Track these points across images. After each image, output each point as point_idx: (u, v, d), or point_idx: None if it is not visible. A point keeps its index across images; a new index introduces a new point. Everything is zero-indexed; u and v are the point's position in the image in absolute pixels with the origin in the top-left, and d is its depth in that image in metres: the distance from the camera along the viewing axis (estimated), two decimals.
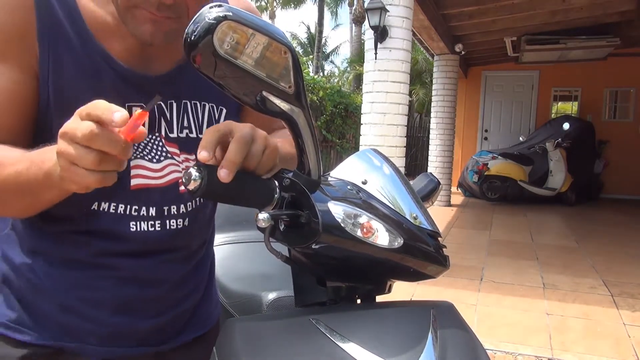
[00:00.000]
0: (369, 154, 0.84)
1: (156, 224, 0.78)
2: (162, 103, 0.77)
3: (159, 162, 0.77)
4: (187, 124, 0.80)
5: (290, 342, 0.63)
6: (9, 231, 0.79)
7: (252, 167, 0.64)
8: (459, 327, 0.70)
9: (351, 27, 21.17)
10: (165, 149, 0.78)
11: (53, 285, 0.76)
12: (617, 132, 9.46)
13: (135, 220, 0.76)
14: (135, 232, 0.77)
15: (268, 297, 1.10)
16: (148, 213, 0.77)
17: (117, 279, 0.77)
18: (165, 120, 0.78)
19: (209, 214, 0.89)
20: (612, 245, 5.33)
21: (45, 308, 0.76)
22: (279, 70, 0.57)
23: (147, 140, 0.76)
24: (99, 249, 0.76)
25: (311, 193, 0.63)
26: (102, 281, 0.77)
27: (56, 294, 0.76)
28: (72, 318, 0.76)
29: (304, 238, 0.64)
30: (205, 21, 0.52)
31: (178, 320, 0.87)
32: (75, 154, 0.51)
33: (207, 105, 0.82)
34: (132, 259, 0.78)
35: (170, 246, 0.81)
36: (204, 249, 0.91)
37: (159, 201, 0.78)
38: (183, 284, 0.86)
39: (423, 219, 0.77)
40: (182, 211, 0.81)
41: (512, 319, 3.08)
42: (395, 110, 4.46)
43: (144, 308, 0.80)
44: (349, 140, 10.42)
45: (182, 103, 0.79)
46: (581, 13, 6.54)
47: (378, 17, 4.30)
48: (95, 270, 0.76)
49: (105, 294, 0.77)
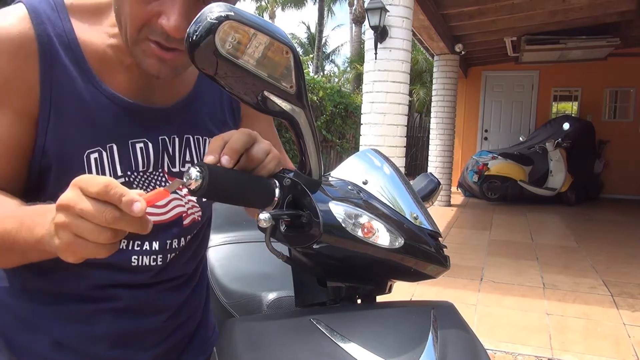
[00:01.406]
0: (369, 154, 0.84)
1: (158, 258, 0.77)
2: (166, 137, 0.77)
3: None
4: (189, 158, 0.80)
5: (291, 342, 0.63)
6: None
7: (254, 165, 0.65)
8: (460, 327, 0.70)
9: (351, 27, 21.17)
10: (169, 183, 0.77)
11: (46, 321, 0.74)
12: (617, 132, 9.46)
13: (137, 255, 0.76)
14: (137, 266, 0.76)
15: (268, 297, 1.10)
16: (151, 247, 0.76)
17: (114, 311, 0.76)
18: (168, 156, 0.77)
19: (202, 236, 0.88)
20: (612, 245, 5.33)
21: (37, 348, 0.74)
22: (280, 70, 0.56)
23: (151, 177, 0.76)
24: (97, 281, 0.74)
25: (312, 193, 0.63)
26: (98, 314, 0.75)
27: (50, 330, 0.74)
28: (67, 355, 0.74)
29: (304, 238, 0.64)
30: (207, 21, 0.52)
31: (176, 348, 0.86)
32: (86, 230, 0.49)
33: (209, 139, 0.82)
34: (131, 290, 0.77)
35: (169, 276, 0.81)
36: (199, 272, 0.91)
37: (163, 236, 0.77)
38: (182, 310, 0.85)
39: (423, 219, 0.77)
40: (182, 244, 0.81)
41: (512, 319, 3.08)
42: (395, 110, 4.46)
43: (143, 340, 0.79)
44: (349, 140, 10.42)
45: (185, 138, 0.79)
46: (581, 13, 6.54)
47: (378, 17, 4.30)
48: (92, 304, 0.74)
49: (102, 327, 0.75)
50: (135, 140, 0.73)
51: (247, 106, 0.59)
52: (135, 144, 0.73)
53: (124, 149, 0.72)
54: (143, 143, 0.73)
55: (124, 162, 0.72)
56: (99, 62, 0.71)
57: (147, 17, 0.63)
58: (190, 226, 0.81)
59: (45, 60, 0.66)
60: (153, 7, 0.63)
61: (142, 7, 0.63)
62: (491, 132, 10.49)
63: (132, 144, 0.72)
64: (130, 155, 0.72)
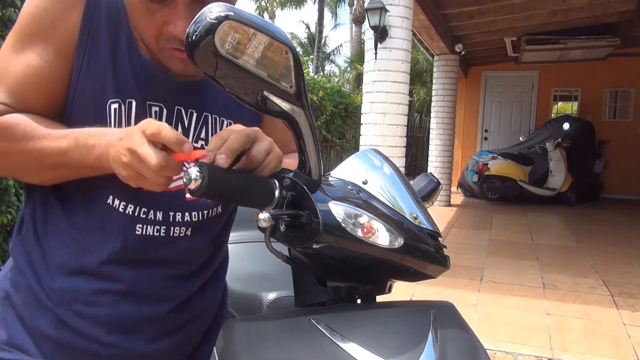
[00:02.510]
0: (369, 154, 0.83)
1: (161, 229, 0.79)
2: (183, 109, 0.79)
3: None
4: (203, 136, 0.81)
5: (291, 342, 0.63)
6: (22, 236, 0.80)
7: (254, 165, 0.65)
8: (459, 327, 0.70)
9: (351, 27, 21.16)
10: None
11: (53, 297, 0.76)
12: (617, 132, 9.46)
13: (142, 223, 0.77)
14: (140, 235, 0.77)
15: (268, 297, 1.10)
16: (155, 217, 0.78)
17: (115, 295, 0.77)
18: (183, 127, 0.79)
19: (217, 233, 0.88)
20: (612, 245, 5.33)
21: (39, 324, 0.76)
22: (280, 70, 0.57)
23: None
24: (106, 255, 0.76)
25: (312, 193, 0.64)
26: (100, 296, 0.76)
27: (54, 307, 0.76)
28: (67, 333, 0.76)
29: (304, 238, 0.64)
30: (207, 21, 0.52)
31: (188, 343, 0.86)
32: (147, 173, 0.61)
33: (226, 121, 0.84)
34: (134, 270, 0.77)
35: (173, 258, 0.81)
36: (212, 268, 0.90)
37: (166, 205, 0.78)
38: (191, 304, 0.85)
39: (423, 219, 0.77)
40: (187, 219, 0.81)
41: (512, 319, 3.08)
42: (395, 110, 4.45)
43: (143, 329, 0.79)
44: (349, 140, 10.41)
45: (203, 115, 0.81)
46: (581, 13, 6.54)
47: (378, 17, 4.29)
48: (97, 283, 0.76)
49: (102, 310, 0.76)
50: (152, 102, 0.77)
51: None
52: (151, 106, 0.77)
53: (141, 107, 0.76)
54: (159, 107, 0.77)
55: (139, 119, 0.74)
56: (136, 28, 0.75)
57: (157, 27, 0.68)
58: (194, 202, 0.81)
59: (89, 9, 0.72)
60: (159, 17, 0.68)
61: (150, 18, 0.68)
62: (491, 132, 10.49)
63: (149, 105, 0.76)
64: (145, 115, 0.76)
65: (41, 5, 0.70)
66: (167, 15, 0.67)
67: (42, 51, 0.71)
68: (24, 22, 0.71)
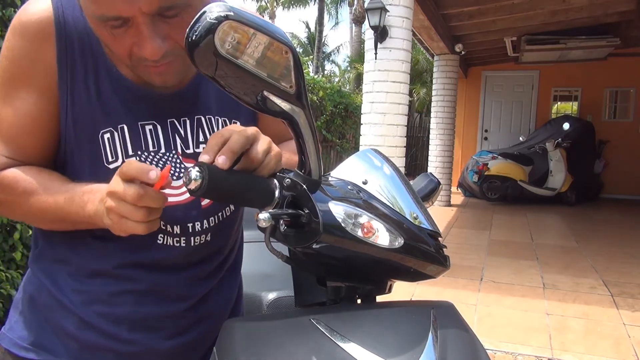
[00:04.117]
0: (369, 154, 0.83)
1: (181, 240, 0.79)
2: (175, 120, 0.79)
3: (178, 179, 0.77)
4: (202, 139, 0.81)
5: (290, 342, 0.63)
6: (39, 250, 0.81)
7: (254, 165, 0.65)
8: (459, 327, 0.70)
9: (351, 27, 21.15)
10: (183, 165, 0.78)
11: (74, 300, 0.77)
12: (617, 132, 9.46)
13: (163, 234, 0.77)
14: (162, 244, 0.78)
15: (268, 297, 1.10)
16: (173, 231, 0.78)
17: (135, 294, 0.78)
18: (180, 138, 0.79)
19: (230, 224, 0.88)
20: (612, 245, 5.33)
21: (64, 324, 0.77)
22: (280, 70, 0.57)
23: (165, 158, 0.77)
24: (123, 259, 0.77)
25: (312, 193, 0.63)
26: (120, 297, 0.77)
27: (76, 309, 0.77)
28: (90, 334, 0.77)
29: (304, 238, 0.64)
30: (207, 21, 0.52)
31: (203, 342, 0.86)
32: (126, 211, 0.62)
33: (220, 119, 0.83)
34: (153, 273, 0.78)
35: (193, 261, 0.82)
36: (227, 265, 0.90)
37: (182, 218, 0.78)
38: (207, 301, 0.85)
39: (423, 219, 0.77)
40: (205, 226, 0.81)
41: (512, 319, 3.08)
42: (395, 110, 4.45)
43: (161, 326, 0.80)
44: (349, 140, 10.41)
45: (195, 119, 0.81)
46: (581, 13, 6.54)
47: (378, 17, 4.29)
48: (116, 285, 0.77)
49: (122, 309, 0.77)
50: (144, 122, 0.76)
51: None
52: (144, 126, 0.76)
53: (134, 129, 0.75)
54: (152, 125, 0.77)
55: (135, 142, 0.75)
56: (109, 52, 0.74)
57: (126, 49, 0.67)
58: (210, 208, 0.81)
59: (61, 42, 0.71)
60: (126, 39, 0.66)
61: (118, 42, 0.67)
62: (491, 132, 10.49)
63: (142, 125, 0.76)
64: (140, 136, 0.75)
65: (16, 48, 0.71)
66: (132, 37, 0.66)
67: (26, 94, 0.71)
68: (2, 67, 0.72)
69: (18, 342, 0.78)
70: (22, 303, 0.81)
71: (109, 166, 0.73)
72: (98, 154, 0.73)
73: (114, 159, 0.74)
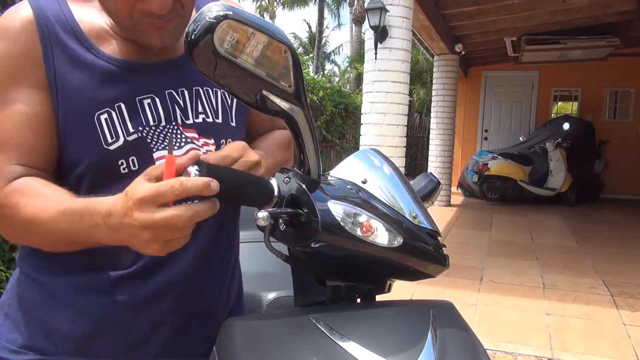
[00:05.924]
0: (369, 153, 0.84)
1: None
2: (173, 91, 0.78)
3: (180, 149, 0.77)
4: (202, 109, 0.81)
5: (290, 342, 0.63)
6: (30, 247, 0.79)
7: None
8: (459, 326, 0.70)
9: (351, 27, 21.16)
10: (184, 135, 0.78)
11: (69, 292, 0.76)
12: (617, 132, 9.46)
13: None
14: None
15: (268, 297, 1.10)
16: None
17: (134, 279, 0.77)
18: (180, 108, 0.78)
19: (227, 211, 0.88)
20: (612, 245, 5.33)
21: (56, 320, 0.76)
22: (279, 70, 0.57)
23: (165, 130, 0.77)
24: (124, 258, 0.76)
25: (311, 192, 0.64)
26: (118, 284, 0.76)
27: (71, 302, 0.76)
28: (87, 326, 0.76)
29: (303, 237, 0.64)
30: (206, 20, 0.52)
31: (201, 342, 0.85)
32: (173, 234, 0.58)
33: (219, 91, 0.83)
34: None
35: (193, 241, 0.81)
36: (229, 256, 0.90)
37: None
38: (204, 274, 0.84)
39: (422, 218, 0.77)
40: None
41: (512, 319, 3.08)
42: (395, 110, 4.45)
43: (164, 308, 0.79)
44: (349, 140, 10.40)
45: (194, 90, 0.80)
46: (581, 13, 6.54)
47: (378, 17, 4.29)
48: (113, 273, 0.76)
49: (122, 297, 0.76)
50: (142, 96, 0.75)
51: None
52: (142, 101, 0.75)
53: (132, 106, 0.74)
54: (150, 98, 0.76)
55: (134, 119, 0.74)
56: (96, 35, 0.75)
57: (129, 5, 0.67)
58: None
59: (44, 38, 0.72)
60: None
61: None
62: (491, 132, 10.49)
63: (140, 100, 0.75)
64: (139, 112, 0.75)
65: (3, 52, 0.71)
66: None
67: (20, 95, 0.71)
68: None
69: (7, 345, 0.77)
70: (7, 305, 0.80)
71: (108, 147, 0.72)
72: (95, 137, 0.72)
73: (114, 139, 0.73)
